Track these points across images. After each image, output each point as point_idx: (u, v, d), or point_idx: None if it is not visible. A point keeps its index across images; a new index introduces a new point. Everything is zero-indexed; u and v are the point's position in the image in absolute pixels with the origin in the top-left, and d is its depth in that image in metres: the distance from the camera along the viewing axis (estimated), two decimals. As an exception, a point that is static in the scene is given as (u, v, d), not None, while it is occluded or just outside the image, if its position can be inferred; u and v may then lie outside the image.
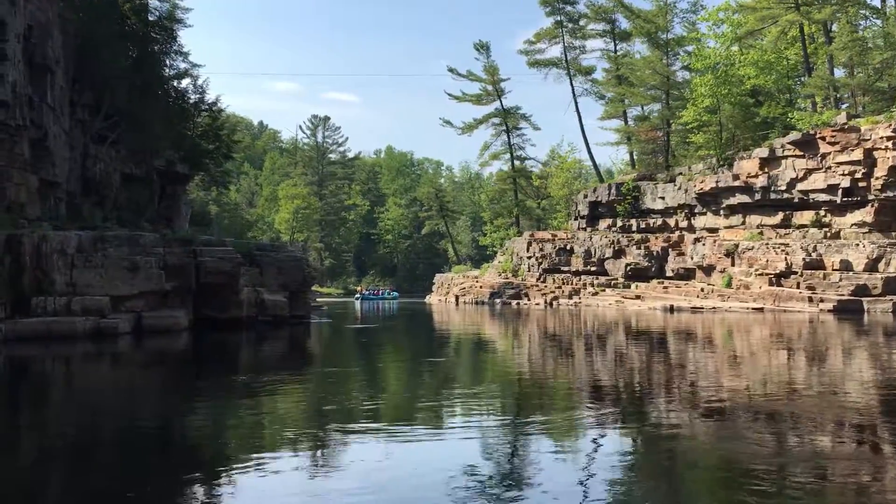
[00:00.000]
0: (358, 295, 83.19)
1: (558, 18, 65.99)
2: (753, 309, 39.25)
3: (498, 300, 55.40)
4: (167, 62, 43.85)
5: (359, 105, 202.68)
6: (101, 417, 10.16)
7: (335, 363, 18.12)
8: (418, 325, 35.01)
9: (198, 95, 45.81)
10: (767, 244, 42.86)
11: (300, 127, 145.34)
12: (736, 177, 45.96)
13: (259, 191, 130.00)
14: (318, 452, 8.03)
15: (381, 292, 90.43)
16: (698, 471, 7.39)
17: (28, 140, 24.49)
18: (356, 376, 14.98)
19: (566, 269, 55.23)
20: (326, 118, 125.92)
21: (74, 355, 17.15)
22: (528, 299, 54.27)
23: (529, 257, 58.17)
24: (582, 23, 66.31)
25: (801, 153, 42.58)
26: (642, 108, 63.60)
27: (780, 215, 44.44)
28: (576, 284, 53.32)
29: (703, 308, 41.59)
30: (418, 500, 6.21)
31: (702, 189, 48.47)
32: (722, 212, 48.13)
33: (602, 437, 8.65)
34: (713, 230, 48.72)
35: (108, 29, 30.48)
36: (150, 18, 41.01)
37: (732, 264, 44.62)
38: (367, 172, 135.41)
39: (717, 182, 47.25)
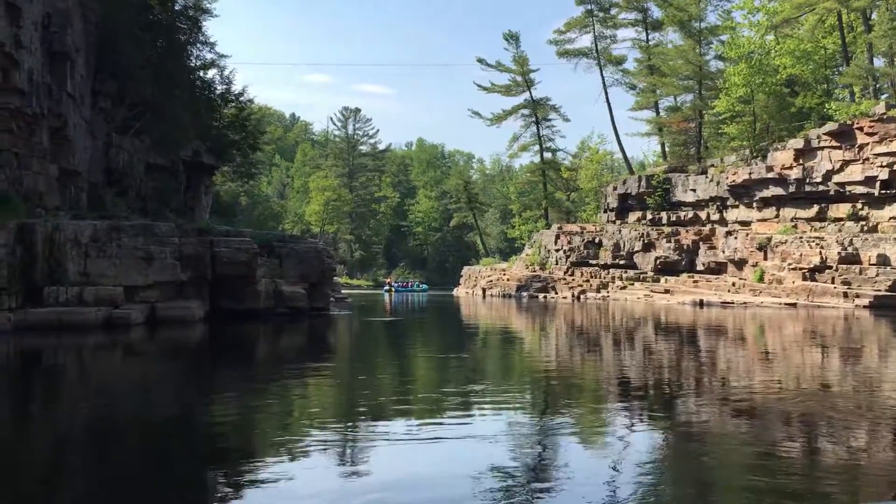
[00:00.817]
0: (387, 287, 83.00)
1: (589, 7, 64.98)
2: (786, 304, 38.24)
3: (524, 293, 54.75)
4: (193, 52, 43.93)
5: (391, 97, 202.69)
6: (115, 409, 9.96)
7: (353, 356, 17.72)
8: (442, 318, 34.51)
9: (224, 86, 45.88)
10: (801, 238, 41.71)
11: (331, 119, 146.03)
12: (770, 168, 44.80)
13: (290, 183, 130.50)
14: (343, 448, 7.88)
15: (410, 284, 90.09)
16: (729, 471, 7.10)
17: (47, 129, 24.35)
18: (374, 371, 14.55)
19: (594, 262, 54.40)
20: (357, 110, 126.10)
21: (83, 346, 16.88)
22: (556, 293, 53.54)
23: (557, 250, 57.41)
24: (613, 12, 65.30)
25: (838, 144, 41.34)
26: (675, 99, 62.37)
27: (815, 208, 43.23)
28: (604, 278, 52.48)
29: (733, 303, 40.62)
30: (445, 497, 6.05)
31: (734, 181, 47.35)
32: (755, 204, 46.97)
33: (631, 434, 8.44)
34: (745, 223, 47.58)
35: (129, 18, 30.31)
36: (176, 8, 41.05)
37: (765, 258, 43.52)
38: (397, 164, 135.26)
39: (750, 174, 46.11)
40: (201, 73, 44.68)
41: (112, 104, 32.33)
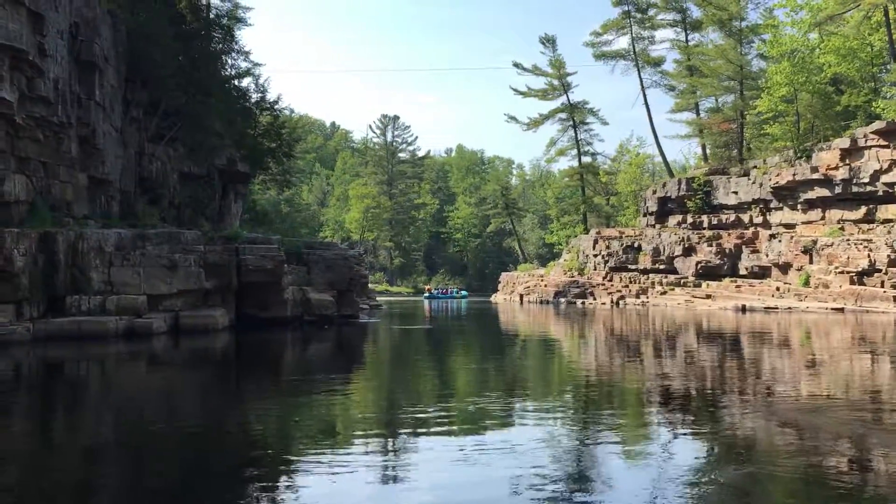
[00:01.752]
0: (426, 294, 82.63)
1: (626, 8, 64.02)
2: (833, 309, 36.90)
3: (562, 299, 53.93)
4: (228, 61, 44.16)
5: (431, 105, 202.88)
6: (142, 420, 9.86)
7: (385, 365, 17.36)
8: (480, 325, 33.93)
9: (259, 94, 46.03)
10: (849, 240, 40.27)
11: (370, 126, 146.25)
12: (815, 169, 43.38)
13: (331, 191, 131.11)
14: (381, 457, 7.82)
15: (449, 291, 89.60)
16: (775, 484, 6.80)
17: (76, 138, 24.44)
18: (408, 379, 14.29)
19: (633, 267, 53.36)
20: (396, 117, 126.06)
21: (102, 356, 16.71)
22: (594, 298, 52.62)
23: (595, 255, 56.48)
24: (651, 13, 64.28)
25: (886, 143, 39.83)
26: (715, 100, 61.07)
27: (863, 209, 41.68)
28: (643, 283, 51.42)
29: (777, 308, 39.36)
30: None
31: (778, 182, 45.99)
32: (799, 206, 45.55)
33: (673, 443, 8.30)
34: (790, 226, 46.17)
35: (161, 27, 30.42)
36: (209, 17, 41.28)
37: (810, 262, 42.16)
38: (436, 171, 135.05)
39: (794, 175, 44.73)
40: (236, 82, 44.94)
41: (144, 113, 32.49)
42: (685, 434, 8.81)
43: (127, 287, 20.08)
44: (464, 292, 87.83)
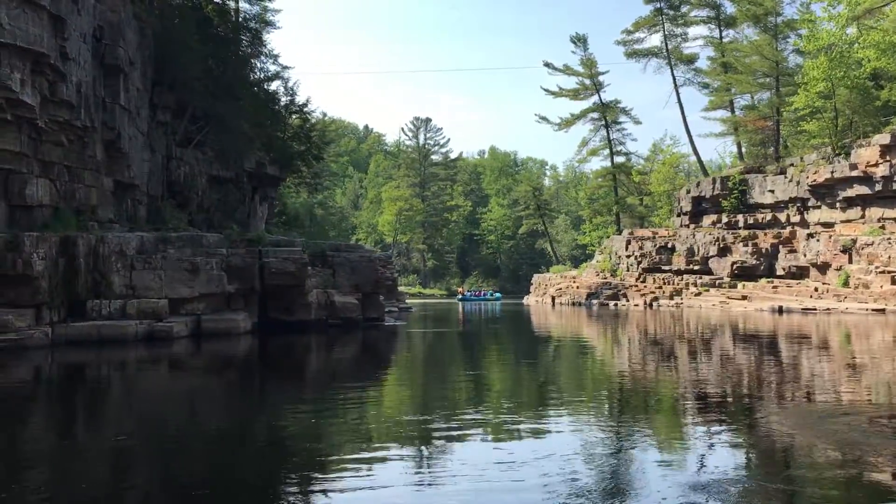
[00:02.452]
0: (459, 296, 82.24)
1: (658, 6, 63.07)
2: (873, 310, 35.82)
3: (595, 301, 53.19)
4: (257, 65, 44.30)
5: (464, 107, 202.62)
6: (162, 424, 9.83)
7: (411, 369, 17.08)
8: (511, 328, 33.49)
9: (288, 97, 46.14)
10: (889, 239, 39.09)
11: (402, 129, 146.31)
12: (854, 166, 42.20)
13: (364, 194, 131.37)
14: (414, 460, 7.79)
15: (483, 293, 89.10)
16: (813, 493, 6.57)
17: (101, 142, 24.52)
18: (434, 385, 14.06)
19: (667, 268, 52.44)
20: (428, 119, 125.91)
21: (120, 360, 16.58)
22: (627, 300, 51.81)
23: (628, 256, 55.63)
24: (683, 9, 63.23)
25: (929, 139, 38.65)
26: (751, 97, 59.84)
27: (904, 207, 40.50)
28: (677, 284, 50.50)
29: (815, 309, 38.31)
30: None
31: (815, 180, 44.83)
32: (838, 205, 44.34)
33: (708, 450, 8.09)
34: (828, 225, 44.97)
35: (188, 31, 30.49)
36: (237, 20, 41.39)
37: (850, 261, 41.00)
38: (469, 173, 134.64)
39: (832, 172, 43.55)
40: (265, 85, 45.07)
41: (172, 117, 32.60)
42: (721, 441, 8.56)
43: (148, 291, 20.00)
44: (497, 294, 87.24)
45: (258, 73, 44.64)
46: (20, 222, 19.62)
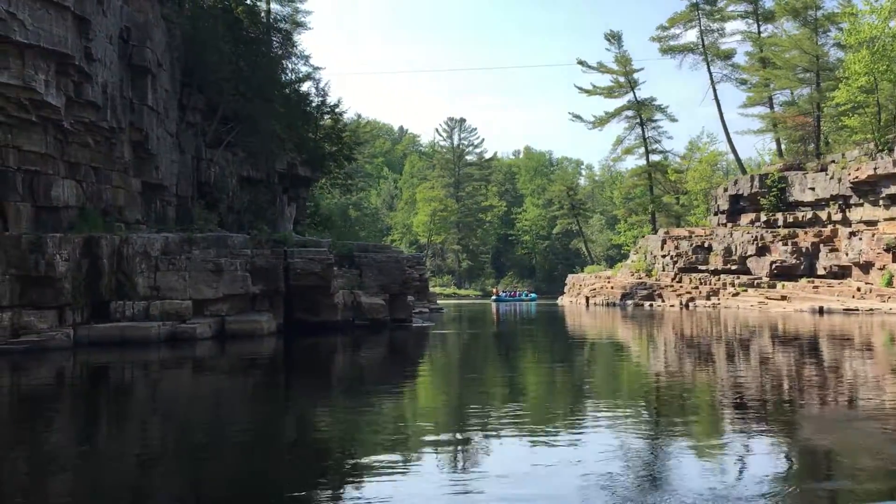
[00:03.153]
0: (494, 297, 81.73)
1: (695, 1, 61.93)
2: (919, 311, 34.70)
3: (629, 301, 52.37)
4: (288, 66, 44.33)
5: (499, 107, 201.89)
6: (188, 426, 9.75)
7: (442, 371, 16.82)
8: (544, 330, 32.97)
9: (320, 98, 46.10)
10: (936, 237, 37.86)
11: (436, 130, 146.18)
12: (897, 163, 40.99)
13: (399, 194, 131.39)
14: (449, 463, 7.70)
15: (518, 293, 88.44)
16: (859, 492, 6.43)
17: (129, 143, 24.54)
18: (464, 388, 13.76)
19: (703, 268, 51.45)
20: (462, 120, 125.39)
21: (143, 361, 16.45)
22: (662, 300, 50.92)
23: (664, 256, 54.71)
24: (720, 4, 62.07)
25: (976, 133, 37.32)
26: (791, 93, 58.50)
27: (951, 204, 39.19)
28: (714, 284, 49.50)
29: (857, 310, 37.21)
30: None
31: (857, 177, 43.61)
32: (881, 202, 43.04)
33: (747, 455, 7.86)
34: (871, 223, 43.67)
35: (216, 32, 30.49)
36: (267, 21, 41.46)
37: (894, 261, 39.75)
38: (503, 173, 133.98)
39: (875, 169, 42.31)
40: (296, 86, 45.09)
41: (202, 118, 32.65)
42: (761, 443, 8.38)
43: (173, 292, 19.90)
44: (533, 295, 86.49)
45: (289, 74, 44.68)
46: (46, 223, 19.64)
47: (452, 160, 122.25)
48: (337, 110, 47.59)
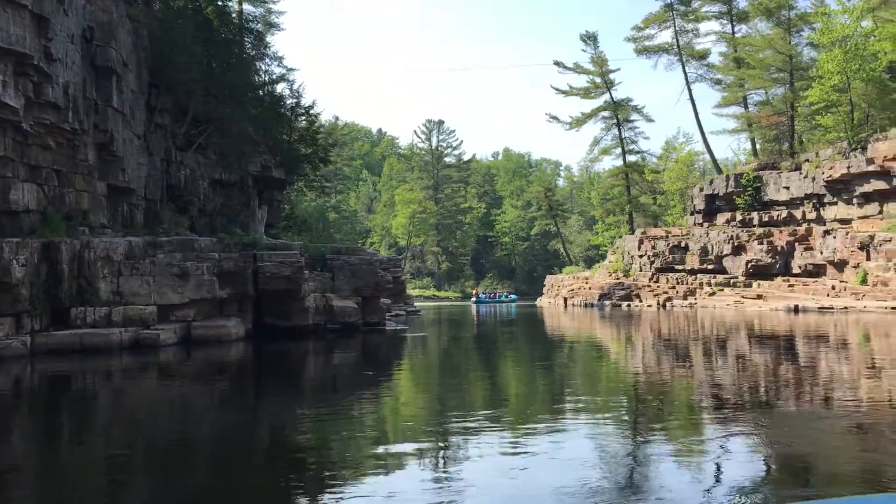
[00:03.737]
0: (474, 298, 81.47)
1: (669, 1, 62.08)
2: (893, 308, 34.85)
3: (607, 302, 52.31)
4: (261, 67, 43.84)
5: (477, 109, 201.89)
6: (153, 434, 9.41)
7: (414, 374, 16.49)
8: (520, 332, 32.77)
9: (294, 99, 45.63)
10: (908, 235, 38.05)
11: (415, 131, 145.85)
12: (870, 161, 41.19)
13: (378, 197, 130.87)
14: (427, 464, 7.61)
15: (497, 295, 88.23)
16: (835, 488, 6.51)
17: (93, 145, 24.04)
18: (439, 391, 13.55)
19: (680, 267, 51.51)
20: (440, 122, 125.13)
21: (103, 369, 15.95)
22: (640, 300, 50.91)
23: (641, 256, 54.72)
24: (695, 4, 62.28)
25: (947, 131, 37.57)
26: (765, 93, 58.77)
27: (924, 202, 39.42)
28: (691, 284, 49.55)
29: (832, 308, 37.33)
30: None
31: (831, 176, 43.83)
32: (855, 200, 43.30)
33: (726, 449, 7.91)
34: (845, 221, 43.92)
35: (185, 33, 29.98)
36: (238, 22, 40.95)
37: (868, 259, 39.95)
38: (482, 175, 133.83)
39: (848, 167, 42.54)
40: (270, 88, 44.60)
41: (172, 120, 32.13)
42: (739, 443, 8.35)
43: (136, 297, 19.40)
44: (513, 296, 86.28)
45: (263, 76, 44.21)
46: (5, 228, 19.09)
47: (431, 162, 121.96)
48: (312, 112, 47.21)
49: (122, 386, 14.25)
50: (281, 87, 45.82)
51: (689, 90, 62.29)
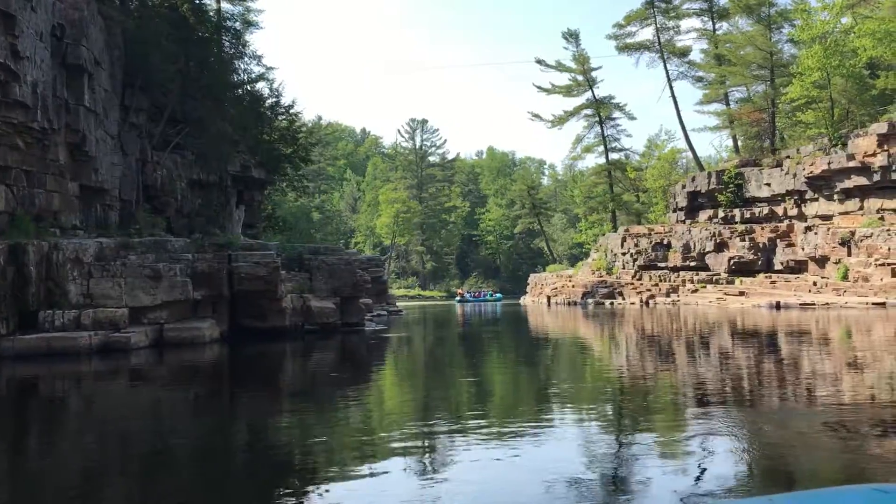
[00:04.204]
0: (458, 297, 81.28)
1: (650, -1, 62.17)
2: (874, 304, 34.89)
3: (590, 300, 52.24)
4: (240, 66, 43.35)
5: (462, 108, 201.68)
6: (126, 440, 9.03)
7: (394, 375, 16.21)
8: (503, 331, 32.59)
9: (273, 98, 45.18)
10: (889, 231, 38.12)
11: (398, 131, 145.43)
12: (851, 157, 41.26)
13: (362, 197, 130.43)
14: (413, 463, 7.51)
15: (483, 294, 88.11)
16: (816, 483, 6.25)
17: (65, 145, 23.59)
18: (418, 394, 13.28)
19: (663, 265, 51.48)
20: (424, 121, 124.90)
21: (71, 373, 15.61)
22: (623, 298, 50.85)
23: (624, 254, 54.67)
24: (676, 2, 62.28)
25: (927, 126, 37.67)
26: (746, 90, 58.89)
27: (904, 197, 39.49)
28: (674, 281, 49.53)
29: (814, 304, 37.35)
30: None
31: (812, 172, 43.88)
32: (836, 197, 43.38)
33: (709, 445, 7.83)
34: (826, 217, 43.99)
35: (159, 31, 29.53)
36: (215, 20, 40.46)
37: (849, 254, 40.01)
38: (466, 174, 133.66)
39: (829, 164, 42.60)
40: (249, 87, 44.14)
41: (148, 119, 31.69)
42: (722, 435, 8.30)
43: (107, 300, 18.98)
44: (498, 295, 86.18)
45: (242, 75, 43.73)
46: (-28, 230, 18.70)
47: (415, 161, 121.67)
48: (292, 111, 46.79)
49: (93, 391, 13.89)
50: (260, 86, 45.35)
51: (671, 87, 62.48)
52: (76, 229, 23.64)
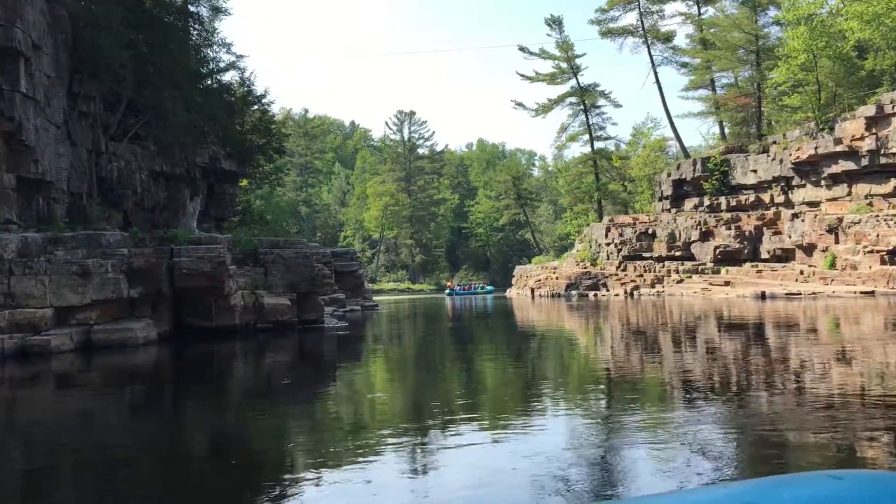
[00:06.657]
0: (448, 290, 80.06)
1: (634, -18, 60.71)
2: (862, 293, 33.70)
3: (574, 292, 50.95)
4: (209, 54, 41.88)
5: (450, 99, 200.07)
6: (56, 449, 8.15)
7: (353, 373, 14.95)
8: (479, 326, 31.29)
9: (245, 89, 43.77)
10: (878, 217, 36.86)
11: (386, 123, 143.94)
12: (838, 141, 40.00)
13: (351, 190, 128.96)
14: (397, 458, 7.22)
15: (473, 287, 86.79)
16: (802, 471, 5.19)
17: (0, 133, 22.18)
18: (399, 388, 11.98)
19: (648, 255, 50.20)
20: (412, 112, 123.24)
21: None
22: (607, 290, 49.57)
23: (608, 244, 53.36)
24: (659, -15, 60.80)
25: (916, 109, 36.38)
26: (732, 75, 57.53)
27: (892, 182, 38.24)
28: (659, 272, 48.23)
29: (800, 294, 36.11)
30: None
31: (799, 157, 42.61)
32: (823, 182, 42.12)
33: (697, 439, 7.55)
34: (814, 204, 42.73)
35: (110, 14, 28.03)
36: (179, 5, 38.96)
37: (836, 242, 38.76)
38: (455, 166, 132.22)
39: (816, 148, 41.32)
40: (218, 76, 42.71)
41: (104, 108, 30.22)
42: (710, 427, 8.07)
43: (31, 300, 17.60)
44: (489, 288, 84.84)
45: (211, 64, 42.27)
46: None
47: (403, 153, 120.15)
48: (264, 101, 45.47)
49: (12, 397, 12.57)
50: (231, 76, 43.92)
51: (656, 73, 61.11)
52: (10, 223, 22.22)
